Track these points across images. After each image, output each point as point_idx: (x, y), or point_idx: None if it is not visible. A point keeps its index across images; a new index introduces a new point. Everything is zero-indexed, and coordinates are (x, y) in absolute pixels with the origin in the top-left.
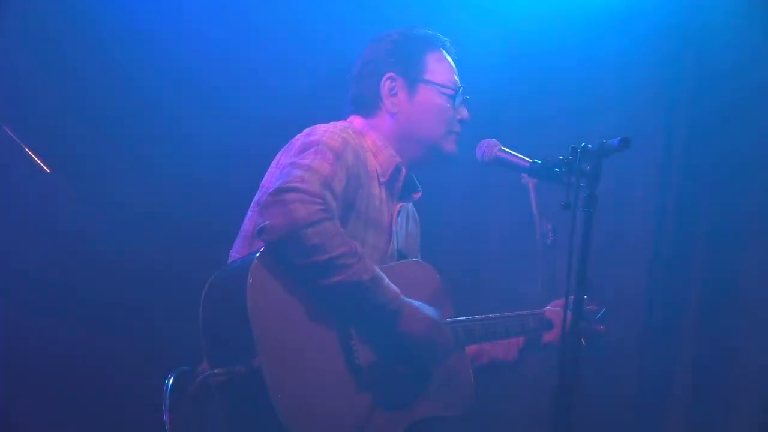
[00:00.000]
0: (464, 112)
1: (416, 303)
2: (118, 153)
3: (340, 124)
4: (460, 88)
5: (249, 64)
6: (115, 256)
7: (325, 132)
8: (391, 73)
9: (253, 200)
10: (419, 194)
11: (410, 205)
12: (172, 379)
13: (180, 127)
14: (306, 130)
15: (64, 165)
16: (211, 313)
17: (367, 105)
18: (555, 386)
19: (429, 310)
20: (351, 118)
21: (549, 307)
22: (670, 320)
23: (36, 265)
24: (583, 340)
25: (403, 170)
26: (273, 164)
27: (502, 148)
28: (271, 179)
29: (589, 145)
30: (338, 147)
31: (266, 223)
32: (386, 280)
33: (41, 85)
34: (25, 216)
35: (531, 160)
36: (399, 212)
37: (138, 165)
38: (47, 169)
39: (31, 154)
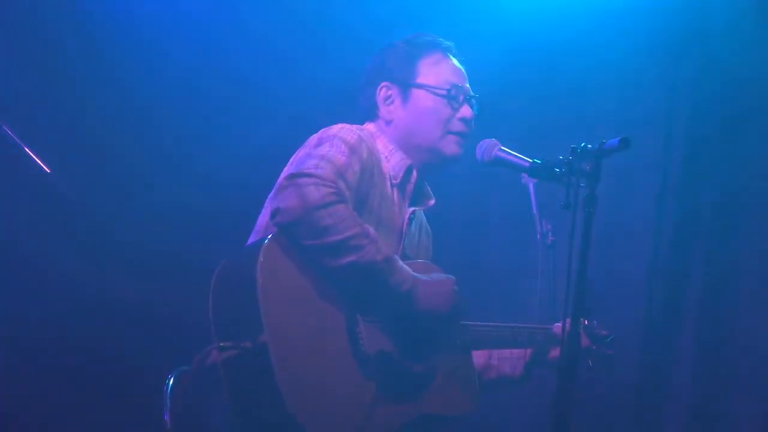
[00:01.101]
0: (465, 111)
1: (430, 278)
2: (120, 153)
3: (355, 125)
4: (456, 86)
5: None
6: (115, 256)
7: (341, 128)
8: (386, 82)
9: (269, 197)
10: (432, 201)
11: (423, 217)
12: (172, 379)
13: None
14: (323, 129)
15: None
16: (222, 293)
17: (370, 113)
18: (554, 389)
19: (443, 278)
20: (366, 124)
21: (558, 324)
22: (670, 319)
23: (35, 265)
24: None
25: (415, 172)
26: (290, 162)
27: (502, 148)
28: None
29: (589, 145)
30: (353, 142)
31: (280, 205)
32: (399, 261)
33: (41, 85)
34: (25, 216)
35: (531, 160)
36: (411, 217)
37: (140, 165)
38: (47, 169)
39: (31, 154)
